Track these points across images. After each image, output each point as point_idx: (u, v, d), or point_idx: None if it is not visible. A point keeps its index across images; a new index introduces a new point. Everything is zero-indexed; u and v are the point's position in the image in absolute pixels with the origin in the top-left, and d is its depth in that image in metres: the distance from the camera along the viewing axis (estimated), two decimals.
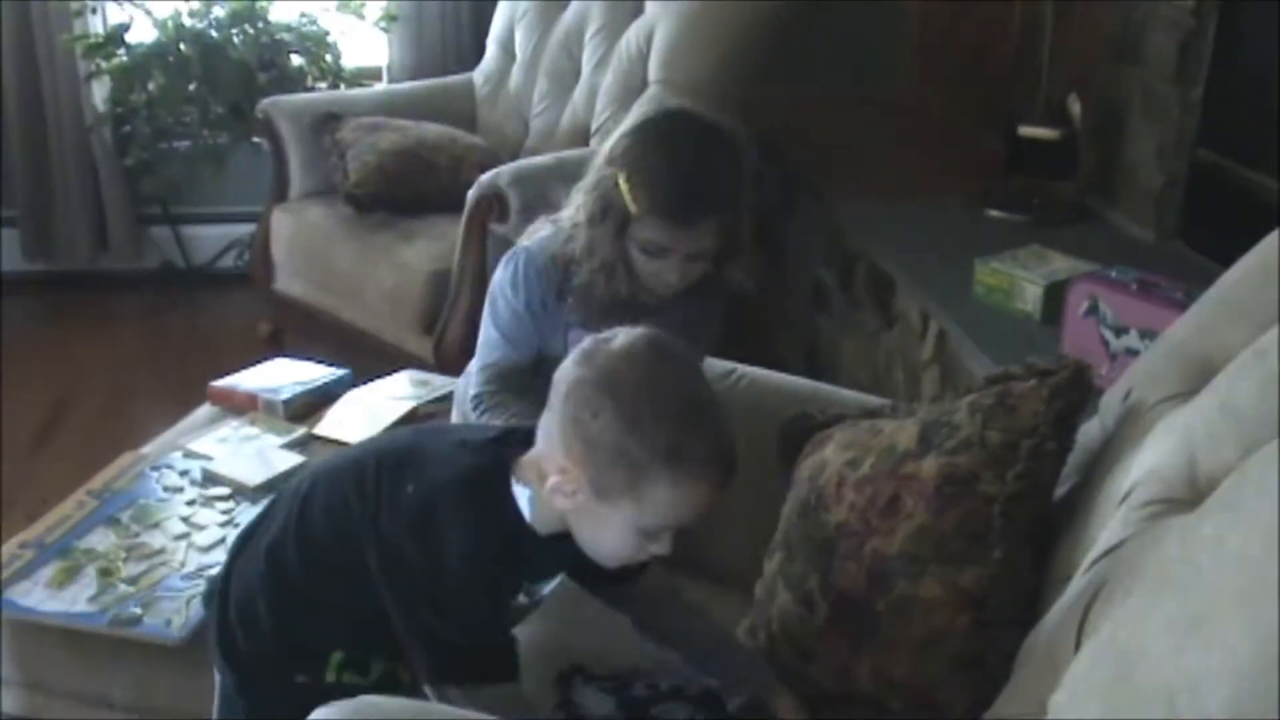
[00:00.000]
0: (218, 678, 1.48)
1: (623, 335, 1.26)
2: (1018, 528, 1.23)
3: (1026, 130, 2.84)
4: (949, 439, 1.30)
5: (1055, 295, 2.24)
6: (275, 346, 3.28)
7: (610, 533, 1.27)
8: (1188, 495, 1.05)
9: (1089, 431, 1.35)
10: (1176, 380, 1.24)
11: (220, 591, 1.47)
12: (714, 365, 1.80)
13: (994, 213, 2.87)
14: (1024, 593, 1.23)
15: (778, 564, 1.42)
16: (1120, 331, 2.00)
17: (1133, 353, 1.98)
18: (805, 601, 1.35)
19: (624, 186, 1.61)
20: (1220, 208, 2.49)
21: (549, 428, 1.26)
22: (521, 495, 1.30)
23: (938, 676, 1.24)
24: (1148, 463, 1.14)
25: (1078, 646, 0.98)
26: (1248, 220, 2.38)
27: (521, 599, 1.39)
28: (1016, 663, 1.16)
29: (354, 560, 1.32)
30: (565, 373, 1.26)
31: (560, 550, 1.32)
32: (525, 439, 1.32)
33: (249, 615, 1.42)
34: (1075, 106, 2.78)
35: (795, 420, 1.59)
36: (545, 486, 1.25)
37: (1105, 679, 0.88)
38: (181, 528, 1.79)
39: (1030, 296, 2.34)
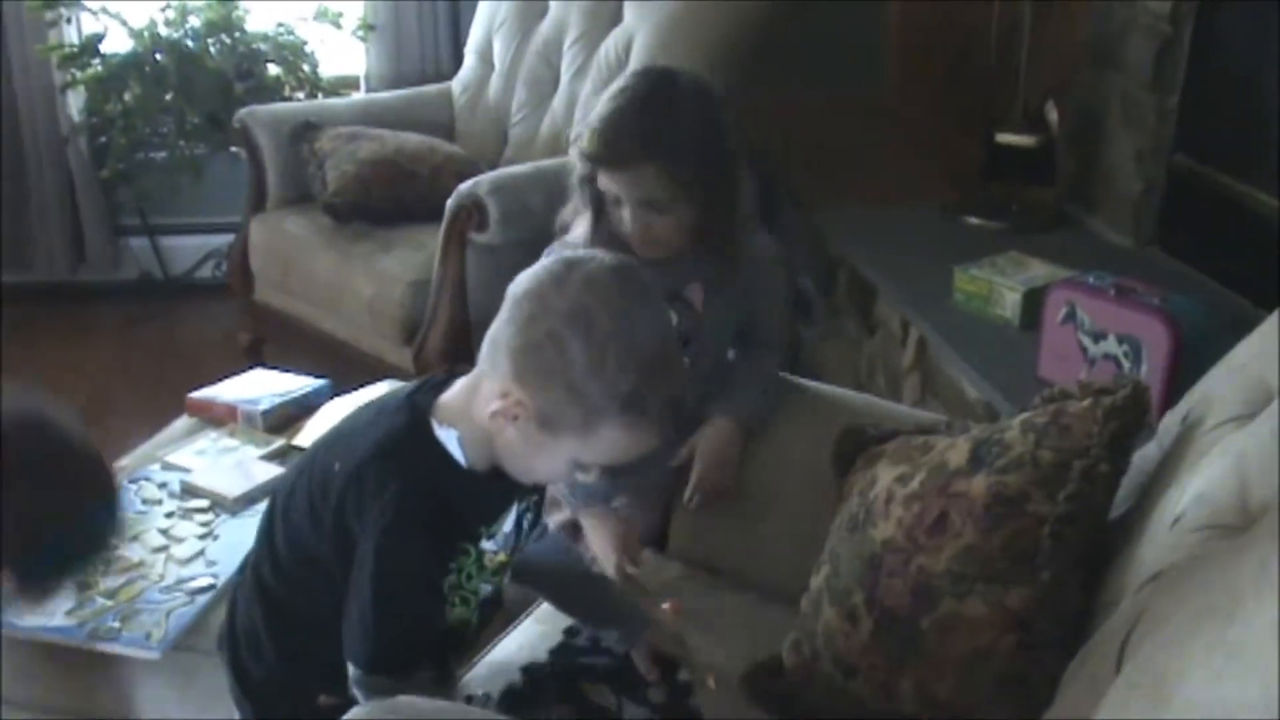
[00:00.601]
0: (237, 713, 1.46)
1: (593, 262, 1.22)
2: (1067, 549, 1.21)
3: (1004, 137, 2.85)
4: (1000, 457, 1.27)
5: (1034, 301, 2.25)
6: (254, 357, 3.27)
7: (546, 460, 1.26)
8: (1238, 521, 1.03)
9: (1147, 454, 1.33)
10: (1236, 403, 1.22)
11: (228, 628, 1.46)
12: None
13: (973, 219, 2.88)
14: (1071, 615, 1.21)
15: (824, 578, 1.41)
16: (1098, 337, 2.01)
17: (1111, 358, 1.98)
18: (850, 616, 1.34)
19: (585, 133, 1.70)
20: (1197, 213, 2.51)
21: (498, 343, 1.22)
22: (450, 439, 1.27)
23: (981, 696, 1.23)
24: (1200, 486, 1.12)
25: (1119, 670, 0.96)
26: (1224, 226, 2.40)
27: (488, 546, 1.34)
28: (1061, 685, 1.14)
29: (316, 561, 1.31)
30: (532, 292, 1.21)
31: (504, 481, 1.31)
32: (443, 380, 1.30)
33: (255, 646, 1.41)
34: (1053, 113, 2.79)
35: (849, 434, 1.57)
36: (485, 410, 1.22)
37: (1142, 704, 0.86)
38: (160, 540, 1.78)
39: (1009, 303, 2.35)
